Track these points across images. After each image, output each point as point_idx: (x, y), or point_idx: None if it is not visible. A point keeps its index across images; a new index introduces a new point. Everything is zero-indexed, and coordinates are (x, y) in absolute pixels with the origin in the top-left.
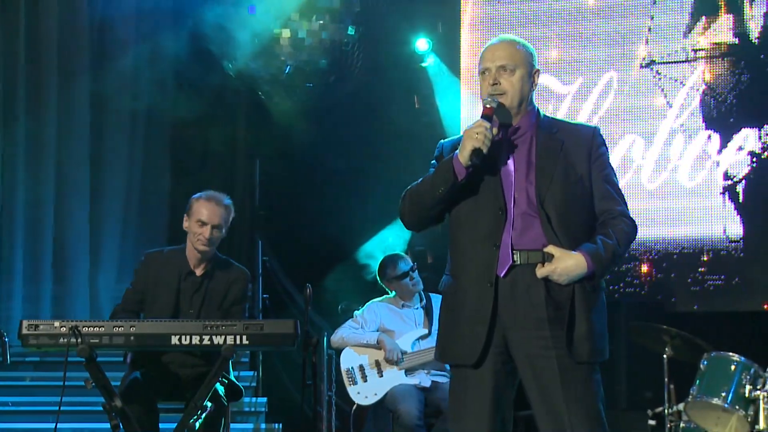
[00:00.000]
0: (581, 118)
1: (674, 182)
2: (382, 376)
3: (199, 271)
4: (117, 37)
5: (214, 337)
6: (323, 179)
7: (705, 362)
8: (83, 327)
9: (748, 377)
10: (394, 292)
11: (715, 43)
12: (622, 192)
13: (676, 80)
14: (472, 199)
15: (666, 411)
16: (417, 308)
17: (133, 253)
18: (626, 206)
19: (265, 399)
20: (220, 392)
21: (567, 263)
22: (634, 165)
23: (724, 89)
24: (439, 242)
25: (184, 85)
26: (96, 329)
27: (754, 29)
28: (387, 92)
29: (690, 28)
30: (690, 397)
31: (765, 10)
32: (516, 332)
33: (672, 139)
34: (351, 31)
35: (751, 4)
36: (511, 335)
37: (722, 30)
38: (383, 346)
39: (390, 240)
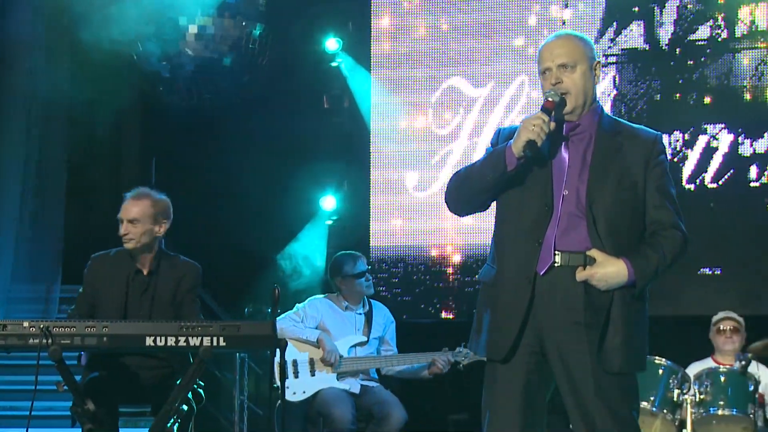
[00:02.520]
0: (492, 122)
1: None
2: (314, 375)
3: (146, 270)
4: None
5: (190, 338)
6: (227, 179)
7: None
8: (53, 327)
9: (676, 381)
10: (338, 291)
11: (626, 49)
12: (677, 203)
13: None
14: (520, 192)
15: None
16: (359, 313)
17: (28, 253)
18: (681, 218)
19: None
20: (188, 396)
21: (607, 269)
22: None
23: (634, 95)
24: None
25: (82, 82)
26: (67, 330)
27: (664, 36)
28: (296, 92)
29: (601, 34)
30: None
31: (675, 18)
32: (552, 334)
33: None
34: (257, 29)
35: (661, 11)
36: (547, 337)
37: (633, 36)
38: (323, 346)
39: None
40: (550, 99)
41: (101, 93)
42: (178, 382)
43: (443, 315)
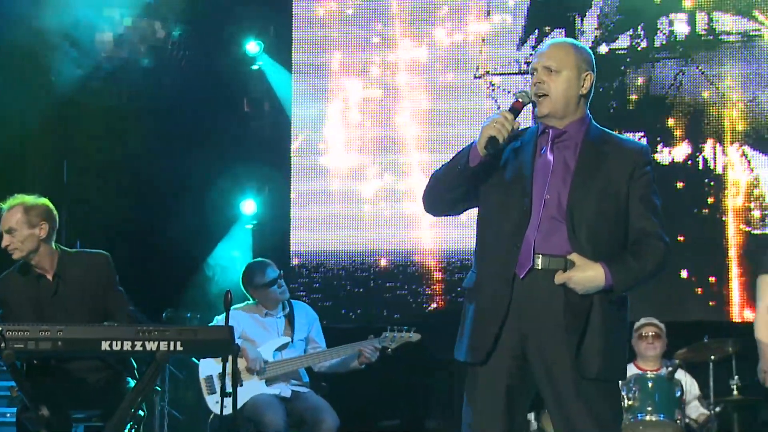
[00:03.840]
0: (417, 124)
1: None
2: (241, 385)
3: (50, 274)
4: None
5: (147, 342)
6: (144, 182)
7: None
8: (7, 331)
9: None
10: (255, 300)
11: None
12: (662, 214)
13: (509, 92)
14: (502, 197)
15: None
16: (280, 317)
17: None
18: (663, 228)
19: None
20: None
21: (585, 273)
22: None
23: None
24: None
25: None
26: (21, 334)
27: (585, 44)
28: (216, 94)
29: (523, 41)
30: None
31: (596, 26)
32: (533, 337)
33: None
34: (177, 31)
35: (582, 20)
36: (528, 340)
37: None
38: (245, 356)
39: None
40: (519, 99)
41: (10, 93)
42: (131, 385)
43: (364, 320)
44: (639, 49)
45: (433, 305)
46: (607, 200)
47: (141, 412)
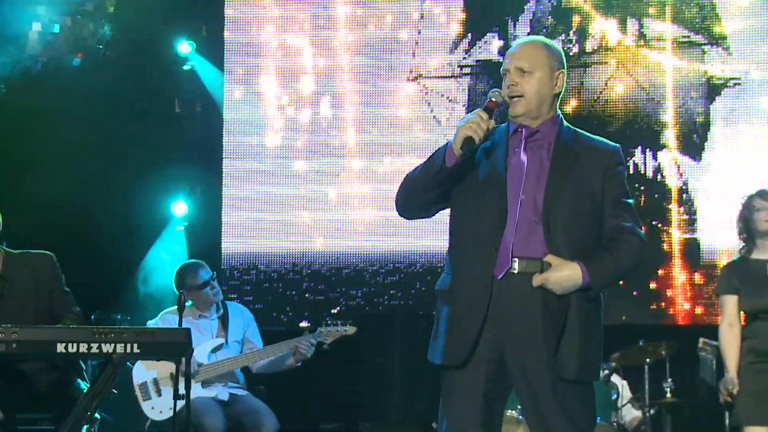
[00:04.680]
0: (349, 129)
1: None
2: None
3: None
4: None
5: (103, 344)
6: (73, 183)
7: None
8: None
9: None
10: (190, 302)
11: (481, 61)
12: (635, 212)
13: (442, 95)
14: (476, 198)
15: None
16: (213, 318)
17: None
18: (638, 224)
19: None
20: None
21: (562, 272)
22: (397, 177)
23: None
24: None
25: None
26: None
27: None
28: (147, 95)
29: (456, 45)
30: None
31: (528, 30)
32: (510, 340)
33: None
34: (106, 30)
35: (515, 24)
36: (506, 343)
37: (487, 48)
38: None
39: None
40: (492, 99)
41: None
42: (83, 387)
43: (296, 323)
44: (571, 54)
45: (367, 307)
46: (582, 200)
47: (97, 415)
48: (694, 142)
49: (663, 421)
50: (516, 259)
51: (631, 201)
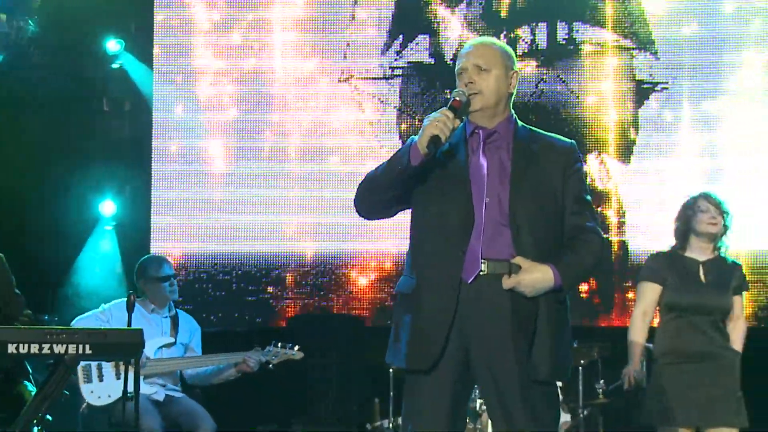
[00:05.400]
0: (279, 131)
1: None
2: (119, 378)
3: None
4: None
5: (55, 345)
6: None
7: None
8: None
9: (476, 391)
10: (144, 294)
11: (412, 62)
12: (593, 209)
13: (374, 97)
14: (439, 200)
15: (390, 424)
16: (165, 317)
17: None
18: (597, 222)
19: None
20: None
21: (534, 275)
22: (334, 180)
23: (419, 108)
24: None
25: None
26: None
27: (449, 51)
28: (73, 93)
29: (388, 46)
30: None
31: (459, 33)
32: (478, 343)
33: (367, 155)
34: (32, 27)
35: (446, 26)
36: (473, 346)
37: (418, 50)
38: None
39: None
40: (456, 98)
41: None
42: (31, 389)
43: (225, 324)
44: None
45: (297, 308)
46: (545, 200)
47: (49, 417)
48: (622, 146)
49: (596, 422)
50: (485, 261)
51: (589, 198)
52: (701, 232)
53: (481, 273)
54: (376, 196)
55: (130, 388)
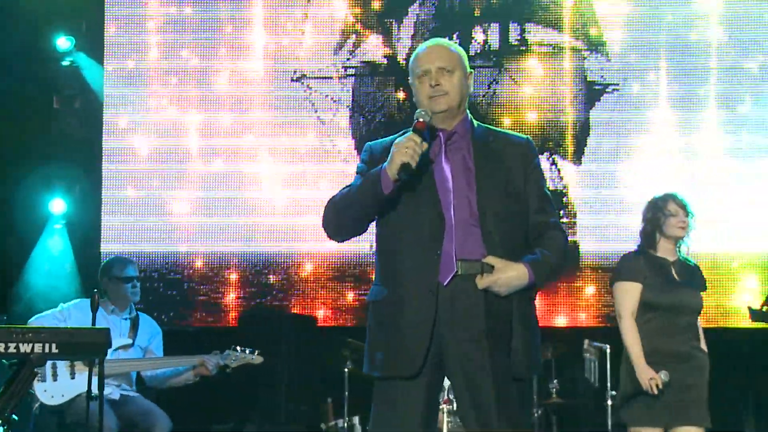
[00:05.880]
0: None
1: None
2: (74, 378)
3: None
4: None
5: (21, 344)
6: None
7: None
8: None
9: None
10: (106, 294)
11: (365, 62)
12: (553, 203)
13: (326, 96)
14: (407, 205)
15: (345, 424)
16: (126, 318)
17: None
18: (558, 217)
19: None
20: None
21: (509, 274)
22: (287, 180)
23: (372, 108)
24: None
25: None
26: None
27: (402, 51)
28: (23, 91)
29: (340, 46)
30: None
31: (412, 33)
32: (453, 344)
33: (320, 155)
34: None
35: (399, 26)
36: (448, 347)
37: (371, 49)
38: None
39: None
40: (420, 120)
41: None
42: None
43: (176, 323)
44: None
45: (248, 308)
46: (511, 198)
47: (15, 417)
48: (574, 147)
49: (550, 421)
50: (459, 262)
51: (548, 192)
52: (670, 235)
53: (456, 274)
54: (348, 223)
55: (94, 387)
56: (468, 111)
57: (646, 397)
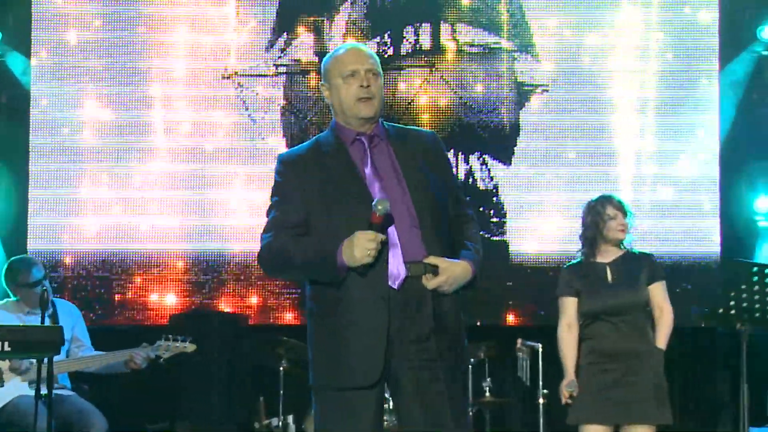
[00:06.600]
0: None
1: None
2: (2, 385)
3: None
4: None
5: None
6: None
7: None
8: None
9: None
10: (17, 297)
11: (297, 60)
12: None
13: (257, 94)
14: (343, 215)
15: (280, 423)
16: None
17: None
18: (470, 208)
19: None
20: None
21: (456, 272)
22: (216, 180)
23: (303, 106)
24: None
25: None
26: None
27: (333, 49)
28: None
29: (272, 44)
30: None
31: (344, 32)
32: (402, 346)
33: (259, 154)
34: None
35: (330, 25)
36: (397, 349)
37: (303, 48)
38: None
39: None
40: (378, 214)
41: None
42: None
43: (104, 323)
44: (385, 56)
45: (178, 307)
46: (437, 193)
47: None
48: (504, 147)
49: (483, 419)
50: (407, 266)
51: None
52: (611, 238)
53: (407, 277)
54: (288, 277)
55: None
56: None
57: (592, 396)
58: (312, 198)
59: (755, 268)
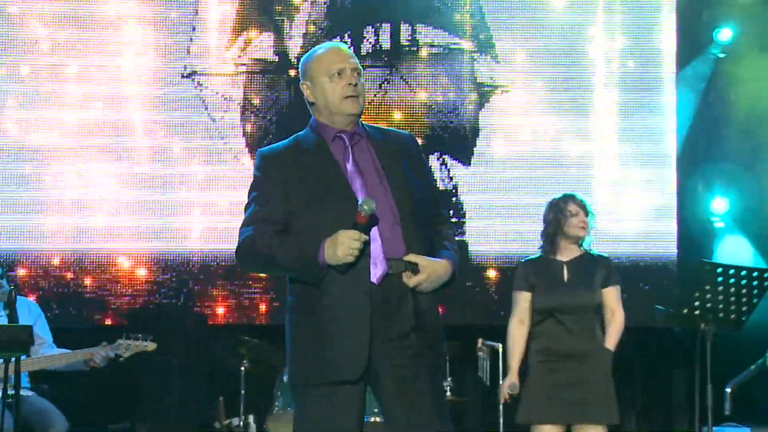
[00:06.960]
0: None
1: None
2: None
3: None
4: None
5: None
6: None
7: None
8: None
9: None
10: None
11: (256, 59)
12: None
13: (217, 93)
14: (326, 212)
15: (241, 422)
16: (1, 315)
17: None
18: (445, 208)
19: None
20: None
21: (437, 271)
22: (177, 180)
23: (264, 106)
24: None
25: None
26: None
27: (294, 48)
28: None
29: (232, 43)
30: (276, 409)
31: (304, 32)
32: (384, 343)
33: (211, 154)
34: None
35: (290, 24)
36: (378, 347)
37: (263, 47)
38: None
39: None
40: (363, 215)
41: None
42: None
43: (62, 321)
44: None
45: (137, 305)
46: (416, 193)
47: None
48: (463, 147)
49: None
50: (388, 262)
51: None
52: (572, 235)
53: (388, 274)
54: (268, 273)
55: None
56: None
57: (542, 395)
58: (293, 194)
59: (720, 269)
